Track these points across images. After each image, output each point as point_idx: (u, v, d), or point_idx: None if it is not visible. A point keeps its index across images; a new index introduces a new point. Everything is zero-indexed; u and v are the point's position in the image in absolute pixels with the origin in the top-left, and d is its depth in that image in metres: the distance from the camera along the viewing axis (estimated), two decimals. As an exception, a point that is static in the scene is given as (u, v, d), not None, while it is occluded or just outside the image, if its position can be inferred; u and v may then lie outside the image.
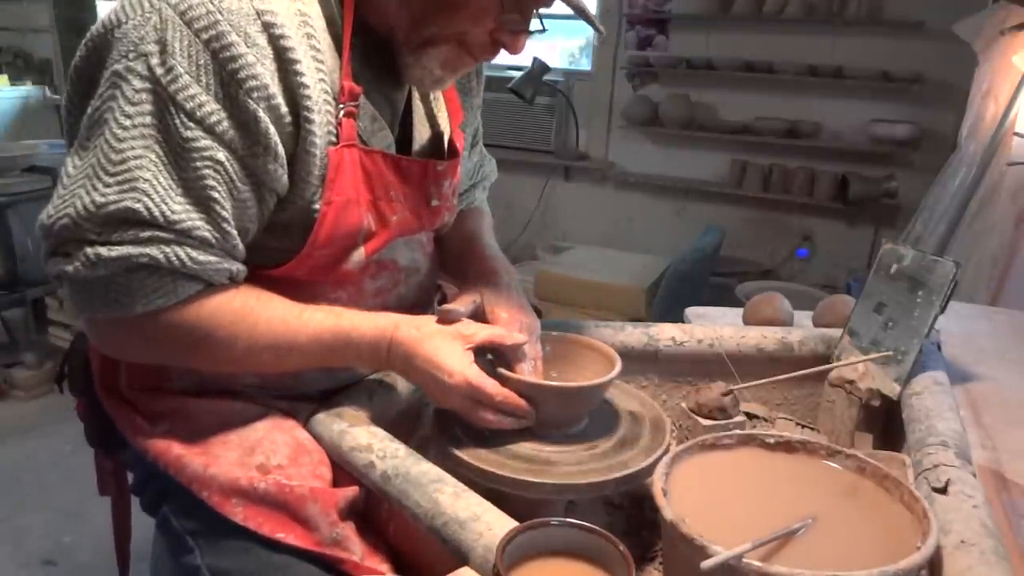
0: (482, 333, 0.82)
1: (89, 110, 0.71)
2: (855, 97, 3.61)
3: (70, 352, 0.96)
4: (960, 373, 1.14)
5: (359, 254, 0.84)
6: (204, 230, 0.71)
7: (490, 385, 0.79)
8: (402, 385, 0.94)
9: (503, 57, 0.84)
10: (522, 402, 0.81)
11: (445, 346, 0.79)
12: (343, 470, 0.81)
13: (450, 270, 1.03)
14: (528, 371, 0.84)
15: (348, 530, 0.76)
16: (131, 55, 0.68)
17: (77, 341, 0.95)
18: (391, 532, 0.80)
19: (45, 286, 2.76)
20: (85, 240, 0.69)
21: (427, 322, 0.83)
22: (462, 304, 0.85)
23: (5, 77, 4.75)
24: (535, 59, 3.29)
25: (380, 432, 0.81)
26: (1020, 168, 2.23)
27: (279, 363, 0.81)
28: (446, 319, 0.83)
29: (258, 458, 0.79)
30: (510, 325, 0.86)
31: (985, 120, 2.39)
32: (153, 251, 0.69)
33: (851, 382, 0.99)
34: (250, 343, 0.77)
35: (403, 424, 0.94)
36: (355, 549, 0.76)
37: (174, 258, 0.70)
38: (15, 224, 2.65)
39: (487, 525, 0.65)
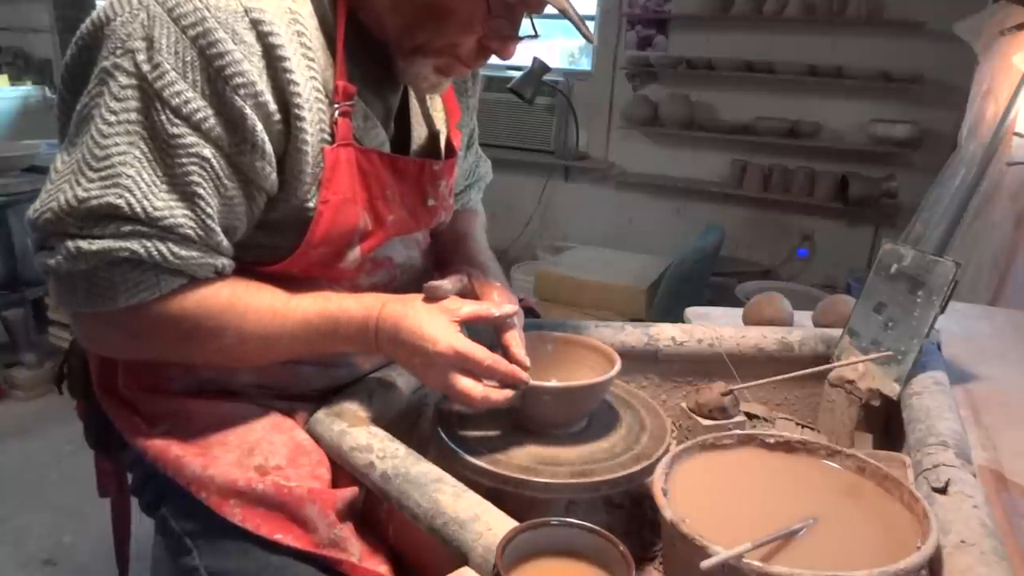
0: (468, 307, 0.82)
1: (78, 106, 0.71)
2: (855, 97, 3.61)
3: (69, 352, 0.96)
4: (960, 373, 1.14)
5: (355, 253, 0.84)
6: (187, 227, 0.71)
7: (479, 351, 0.78)
8: (402, 385, 0.94)
9: (502, 57, 0.84)
10: (512, 367, 0.79)
11: (430, 318, 0.79)
12: (342, 471, 0.81)
13: (439, 267, 1.03)
14: (518, 339, 0.83)
15: (347, 531, 0.76)
16: (118, 51, 0.68)
17: (76, 342, 0.95)
18: (390, 532, 0.80)
19: (45, 286, 2.76)
20: (67, 234, 0.69)
21: (414, 298, 0.82)
22: (449, 282, 0.85)
23: (5, 77, 4.74)
24: (535, 59, 3.29)
25: (380, 432, 0.81)
26: (1020, 168, 2.23)
27: (270, 351, 0.81)
28: (433, 296, 0.82)
29: (257, 459, 0.79)
30: (501, 299, 0.87)
31: (985, 120, 2.38)
32: (134, 245, 0.69)
33: (851, 382, 0.99)
34: (239, 333, 0.77)
35: (403, 424, 0.94)
36: (353, 550, 0.76)
37: (155, 252, 0.69)
38: (15, 224, 2.65)
39: (487, 525, 0.65)
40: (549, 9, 0.79)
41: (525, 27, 0.81)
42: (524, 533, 0.61)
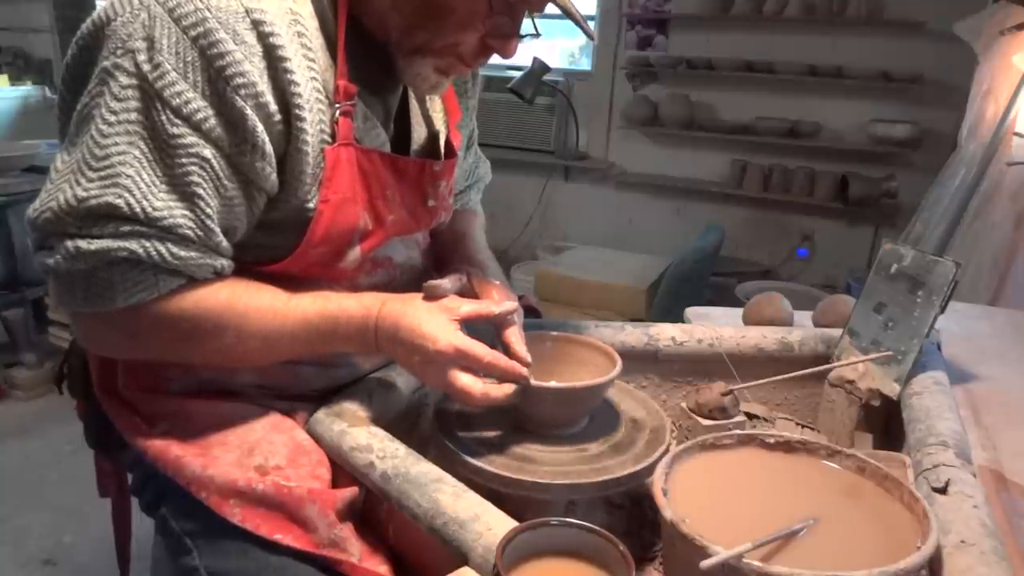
0: (467, 306, 0.81)
1: (78, 106, 0.71)
2: (855, 97, 3.61)
3: (69, 352, 0.96)
4: (960, 373, 1.14)
5: (355, 252, 0.84)
6: (186, 227, 0.71)
7: (478, 348, 0.78)
8: (402, 385, 0.94)
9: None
10: (512, 362, 0.79)
11: (430, 316, 0.79)
12: (342, 471, 0.81)
13: (438, 267, 1.03)
14: (519, 336, 0.83)
15: (346, 531, 0.76)
16: (119, 51, 0.68)
17: (76, 342, 0.95)
18: (390, 532, 0.80)
19: (45, 286, 2.75)
20: (66, 233, 0.69)
21: (413, 297, 0.82)
22: (448, 281, 0.85)
23: (5, 77, 4.74)
24: (535, 59, 3.29)
25: (380, 432, 0.81)
26: (1020, 168, 2.23)
27: (270, 351, 0.81)
28: (432, 294, 0.82)
29: (256, 459, 0.79)
30: (500, 298, 0.87)
31: (985, 120, 2.38)
32: (133, 245, 0.69)
33: (851, 382, 0.99)
34: (239, 332, 0.76)
35: (403, 424, 0.94)
36: (353, 550, 0.76)
37: (154, 252, 0.69)
38: (15, 224, 2.65)
39: (487, 525, 0.65)
40: (549, 8, 0.79)
41: (526, 26, 0.81)
42: (524, 533, 0.61)
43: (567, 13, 0.77)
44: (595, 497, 0.87)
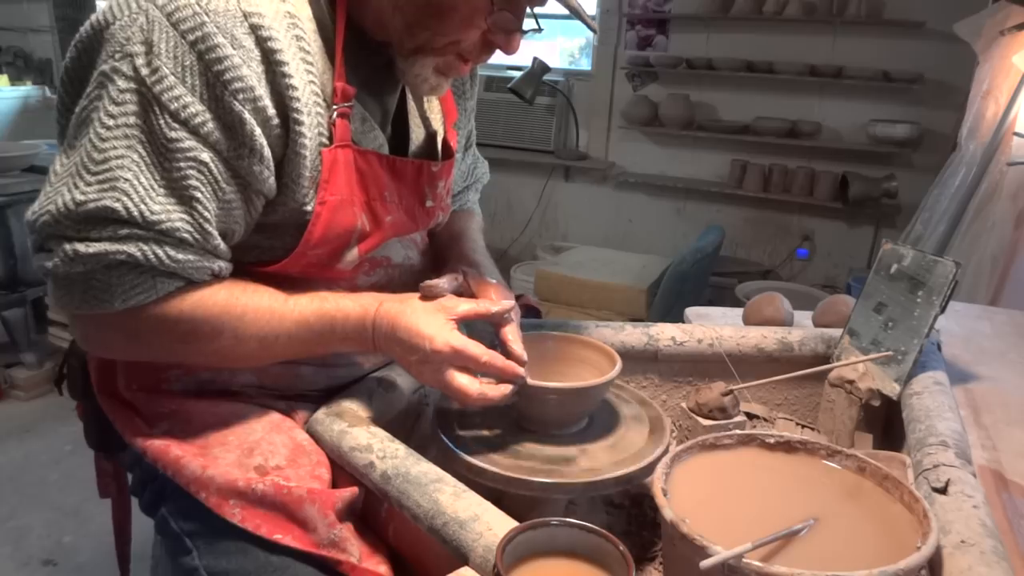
0: (464, 305, 0.82)
1: (77, 109, 0.71)
2: (855, 97, 3.61)
3: (69, 353, 0.95)
4: (960, 373, 1.14)
5: (353, 253, 0.84)
6: (184, 231, 0.71)
7: (475, 347, 0.78)
8: (402, 385, 0.94)
9: (503, 57, 0.84)
10: (509, 363, 0.79)
11: (427, 316, 0.79)
12: (342, 471, 0.81)
13: (435, 267, 1.03)
14: (516, 334, 0.83)
15: (346, 531, 0.76)
16: (117, 55, 0.68)
17: (76, 342, 0.95)
18: (391, 533, 0.80)
19: (45, 286, 2.75)
20: (65, 237, 0.69)
21: (411, 297, 0.82)
22: (445, 280, 0.85)
23: (5, 77, 4.74)
24: (535, 59, 3.29)
25: (380, 432, 0.81)
26: (1020, 168, 2.23)
27: (268, 352, 0.81)
28: (429, 294, 0.82)
29: (256, 459, 0.79)
30: (497, 297, 0.87)
31: (985, 120, 2.39)
32: (130, 248, 0.69)
33: (851, 382, 0.99)
34: (236, 334, 0.77)
35: (403, 424, 0.94)
36: (353, 550, 0.76)
37: (152, 256, 0.70)
38: (15, 224, 2.65)
39: (487, 525, 0.65)
40: (551, 7, 0.79)
41: (528, 22, 0.81)
42: (524, 533, 0.61)
43: (568, 7, 0.77)
44: (595, 497, 0.87)
